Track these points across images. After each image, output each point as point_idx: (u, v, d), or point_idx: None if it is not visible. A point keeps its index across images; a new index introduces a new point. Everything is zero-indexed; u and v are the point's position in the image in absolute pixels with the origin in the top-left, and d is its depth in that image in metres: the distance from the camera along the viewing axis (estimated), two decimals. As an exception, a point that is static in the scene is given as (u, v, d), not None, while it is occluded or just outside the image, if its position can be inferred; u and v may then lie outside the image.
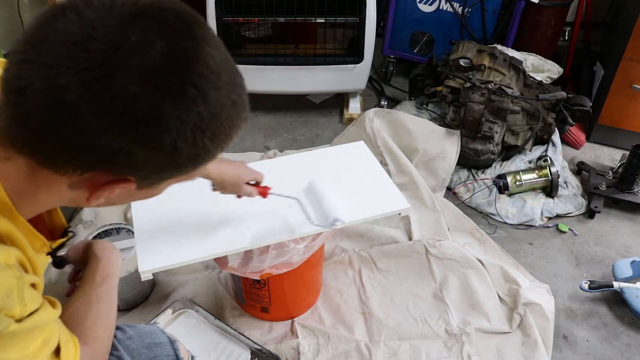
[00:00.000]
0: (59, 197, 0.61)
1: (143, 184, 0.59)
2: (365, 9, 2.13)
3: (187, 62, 0.52)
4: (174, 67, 0.51)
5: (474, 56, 2.11)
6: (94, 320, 0.80)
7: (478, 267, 1.62)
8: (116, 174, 0.56)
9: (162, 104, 0.51)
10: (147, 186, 0.60)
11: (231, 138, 0.59)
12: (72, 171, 0.55)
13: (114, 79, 0.49)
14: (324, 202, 1.22)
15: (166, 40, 0.51)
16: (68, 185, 0.58)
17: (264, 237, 1.17)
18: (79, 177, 0.55)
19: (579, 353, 1.47)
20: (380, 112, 2.13)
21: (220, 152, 0.60)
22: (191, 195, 1.30)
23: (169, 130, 0.52)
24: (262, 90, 2.37)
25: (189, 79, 0.52)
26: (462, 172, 2.08)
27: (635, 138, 2.15)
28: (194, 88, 0.52)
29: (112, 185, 0.57)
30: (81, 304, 0.81)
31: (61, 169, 0.55)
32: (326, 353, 1.40)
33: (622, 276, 1.60)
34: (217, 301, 1.53)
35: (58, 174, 0.55)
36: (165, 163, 0.56)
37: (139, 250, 1.13)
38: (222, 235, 1.18)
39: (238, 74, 0.60)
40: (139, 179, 0.58)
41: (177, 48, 0.51)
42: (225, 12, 2.10)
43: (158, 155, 0.54)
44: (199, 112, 0.53)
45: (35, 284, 0.62)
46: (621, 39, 2.13)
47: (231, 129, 0.58)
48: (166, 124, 0.51)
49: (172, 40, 0.51)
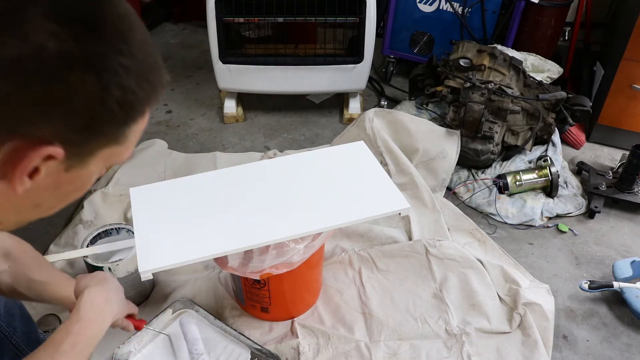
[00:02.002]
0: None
1: (71, 158, 0.52)
2: (365, 9, 2.13)
3: (100, 2, 0.49)
4: (87, 4, 0.48)
5: (474, 56, 2.11)
6: None
7: (478, 267, 1.62)
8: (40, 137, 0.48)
9: (81, 40, 0.47)
10: (76, 163, 0.53)
11: (156, 93, 0.55)
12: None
13: (23, 12, 0.44)
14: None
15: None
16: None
17: (264, 237, 1.17)
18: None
19: (579, 353, 1.47)
20: (380, 112, 2.13)
21: (146, 107, 0.55)
22: (191, 196, 1.30)
23: (93, 68, 0.47)
24: (262, 90, 2.37)
25: (104, 15, 0.49)
26: (462, 172, 2.08)
27: (635, 138, 2.15)
28: (109, 23, 0.49)
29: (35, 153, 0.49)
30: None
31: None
32: (326, 353, 1.40)
33: (622, 276, 1.60)
34: (217, 301, 1.53)
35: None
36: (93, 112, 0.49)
37: (139, 250, 1.12)
38: (222, 235, 1.18)
39: (149, 35, 0.56)
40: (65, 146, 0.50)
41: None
42: (225, 12, 2.11)
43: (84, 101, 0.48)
44: (119, 49, 0.49)
45: None
46: (621, 39, 2.13)
47: (154, 77, 0.54)
48: (88, 59, 0.47)
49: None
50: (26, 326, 1.00)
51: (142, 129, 0.58)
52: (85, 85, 0.47)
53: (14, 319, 0.97)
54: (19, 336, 0.95)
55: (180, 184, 1.35)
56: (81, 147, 0.52)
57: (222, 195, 1.30)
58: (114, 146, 0.55)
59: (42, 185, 0.53)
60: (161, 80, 0.55)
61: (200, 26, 3.29)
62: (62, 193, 0.58)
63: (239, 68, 2.26)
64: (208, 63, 2.31)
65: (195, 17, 3.33)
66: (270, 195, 1.29)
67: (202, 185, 1.34)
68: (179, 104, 2.54)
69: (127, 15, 0.51)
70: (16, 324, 0.97)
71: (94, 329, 0.83)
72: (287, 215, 1.24)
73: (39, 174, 0.51)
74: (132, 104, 0.52)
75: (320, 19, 2.16)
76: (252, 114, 2.50)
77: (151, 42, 0.54)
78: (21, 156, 0.48)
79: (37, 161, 0.49)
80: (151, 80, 0.53)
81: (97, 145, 0.54)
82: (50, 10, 0.45)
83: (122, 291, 0.91)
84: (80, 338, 0.80)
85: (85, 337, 0.81)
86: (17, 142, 0.48)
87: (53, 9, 0.45)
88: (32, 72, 0.45)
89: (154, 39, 0.57)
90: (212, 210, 1.25)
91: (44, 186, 0.53)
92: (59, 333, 0.80)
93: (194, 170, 2.01)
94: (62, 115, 0.48)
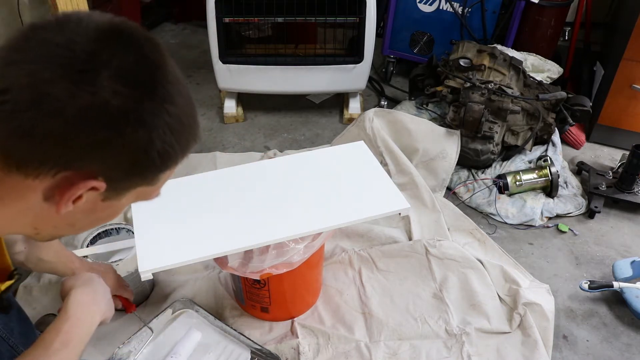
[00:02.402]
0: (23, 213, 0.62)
1: (110, 191, 0.61)
2: (365, 9, 2.13)
3: (156, 67, 0.58)
4: (146, 70, 0.57)
5: (474, 56, 2.11)
6: None
7: (478, 267, 1.62)
8: (89, 173, 0.58)
9: (138, 99, 0.56)
10: (112, 196, 0.63)
11: (189, 147, 0.65)
12: (47, 171, 0.56)
13: (97, 74, 0.53)
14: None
15: (139, 51, 0.57)
16: (41, 191, 0.59)
17: (264, 237, 1.17)
18: (52, 179, 0.57)
19: (579, 353, 1.47)
20: (380, 112, 2.13)
21: (180, 158, 0.64)
22: (191, 196, 1.30)
23: (144, 123, 0.56)
24: (262, 90, 2.37)
25: (159, 81, 0.58)
26: (462, 172, 2.08)
27: (635, 138, 2.15)
28: (162, 89, 0.58)
29: (83, 184, 0.58)
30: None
31: (35, 170, 0.56)
32: (326, 353, 1.40)
33: (622, 276, 1.60)
34: (217, 301, 1.53)
35: (29, 179, 0.57)
36: (138, 159, 0.59)
37: (139, 250, 1.13)
38: (222, 235, 1.18)
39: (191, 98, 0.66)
40: (108, 181, 0.59)
41: (147, 57, 0.58)
42: (225, 12, 2.11)
43: (132, 149, 0.57)
44: (167, 111, 0.58)
45: None
46: (621, 39, 2.13)
47: (191, 136, 0.64)
48: (142, 117, 0.56)
49: (143, 51, 0.58)
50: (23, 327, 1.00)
51: (173, 173, 0.68)
52: (136, 137, 0.57)
53: (10, 319, 0.98)
54: (16, 337, 0.96)
55: (180, 184, 1.34)
56: (120, 184, 0.62)
57: (222, 195, 1.30)
58: (147, 186, 0.65)
59: (80, 209, 0.62)
60: (195, 138, 0.65)
61: (200, 26, 3.29)
62: (95, 217, 0.68)
63: (239, 68, 2.26)
64: (208, 63, 2.31)
65: (195, 17, 3.32)
66: (270, 195, 1.29)
67: (202, 185, 1.34)
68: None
69: (177, 82, 0.61)
70: (13, 325, 0.97)
71: (83, 327, 0.84)
72: (287, 215, 1.24)
73: (80, 200, 0.60)
74: (170, 156, 0.62)
75: (320, 19, 2.16)
76: (252, 114, 2.50)
77: (192, 104, 0.64)
78: (70, 185, 0.58)
79: (82, 191, 0.59)
80: (188, 138, 0.63)
81: (134, 185, 0.64)
82: (118, 74, 0.54)
83: (109, 291, 0.92)
84: (70, 336, 0.81)
85: (75, 335, 0.82)
86: (70, 173, 0.57)
87: (120, 73, 0.55)
88: (96, 120, 0.54)
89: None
90: (212, 211, 1.25)
91: (82, 210, 0.63)
92: (49, 333, 0.81)
93: (194, 170, 2.01)
94: (112, 157, 0.57)
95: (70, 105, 0.52)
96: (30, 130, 0.53)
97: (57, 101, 0.52)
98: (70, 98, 0.52)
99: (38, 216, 0.62)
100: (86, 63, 0.53)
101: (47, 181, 0.57)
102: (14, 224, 0.64)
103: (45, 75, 0.52)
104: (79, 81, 0.52)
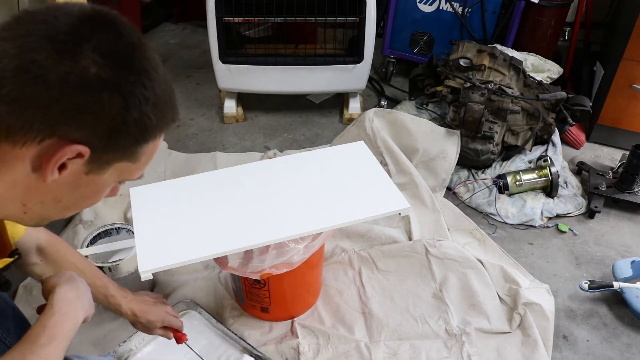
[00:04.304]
0: (13, 186, 0.65)
1: (93, 163, 0.65)
2: (365, 9, 2.13)
3: (133, 46, 0.63)
4: (124, 47, 0.62)
5: (474, 56, 2.11)
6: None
7: (478, 267, 1.62)
8: (72, 139, 0.61)
9: (115, 70, 0.60)
10: (95, 169, 0.66)
11: (167, 122, 0.69)
12: (33, 138, 0.60)
13: (78, 45, 0.58)
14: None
15: (117, 31, 0.62)
16: (29, 160, 0.62)
17: (264, 237, 1.17)
18: (38, 145, 0.60)
19: (579, 353, 1.47)
20: (380, 112, 2.13)
21: (158, 133, 0.68)
22: (191, 196, 1.30)
23: (120, 92, 0.60)
24: (262, 90, 2.37)
25: (136, 56, 0.63)
26: (462, 172, 2.08)
27: (635, 138, 2.15)
28: (139, 63, 0.63)
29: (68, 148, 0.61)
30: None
31: (22, 137, 0.60)
32: (326, 353, 1.40)
33: (622, 276, 1.60)
34: (217, 301, 1.53)
35: (17, 147, 0.61)
36: (116, 126, 0.62)
37: (139, 250, 1.13)
38: (222, 235, 1.18)
39: (169, 79, 0.69)
40: (91, 149, 0.62)
41: (125, 36, 0.63)
42: (225, 12, 2.11)
43: (109, 115, 0.61)
44: (143, 83, 0.62)
45: None
46: (621, 39, 2.13)
47: (168, 112, 0.68)
48: (119, 85, 0.60)
49: (122, 31, 0.63)
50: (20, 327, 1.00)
51: (153, 153, 0.71)
52: (112, 103, 0.60)
53: (7, 320, 0.98)
54: (13, 337, 0.96)
55: (180, 184, 1.35)
56: (102, 155, 0.65)
57: (222, 195, 1.30)
58: (127, 162, 0.68)
59: (65, 181, 0.65)
60: (172, 115, 0.70)
61: (200, 26, 3.28)
62: (79, 194, 0.70)
63: (239, 68, 2.26)
64: (208, 63, 2.31)
65: (195, 17, 3.32)
66: (270, 195, 1.29)
67: (202, 185, 1.34)
68: (179, 104, 2.53)
69: (154, 60, 0.66)
70: (9, 325, 0.97)
71: (69, 322, 0.84)
72: (287, 215, 1.24)
73: (65, 169, 0.63)
74: (146, 126, 0.65)
75: (320, 19, 2.16)
76: (252, 114, 2.50)
77: (169, 86, 0.68)
78: (56, 150, 0.61)
79: (67, 156, 0.62)
80: (164, 113, 0.67)
81: (114, 157, 0.66)
82: (97, 47, 0.60)
83: (89, 290, 0.93)
84: (56, 331, 0.81)
85: (61, 330, 0.82)
86: (54, 140, 0.60)
87: (100, 47, 0.60)
88: (76, 86, 0.58)
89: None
90: (212, 211, 1.25)
91: (67, 183, 0.66)
92: (35, 328, 0.81)
93: (194, 170, 2.01)
94: (92, 122, 0.61)
95: (53, 72, 0.57)
96: (17, 95, 0.57)
97: (41, 68, 0.57)
98: (54, 65, 0.57)
99: (26, 189, 0.66)
100: (68, 35, 0.59)
101: (34, 148, 0.61)
102: (4, 202, 0.67)
103: (31, 45, 0.57)
104: (62, 50, 0.58)
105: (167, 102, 0.67)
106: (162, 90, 0.66)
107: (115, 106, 0.61)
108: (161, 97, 0.66)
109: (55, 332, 0.81)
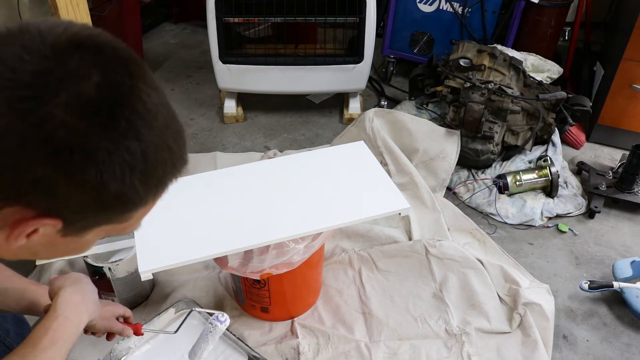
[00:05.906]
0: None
1: (68, 228, 0.55)
2: (365, 9, 2.13)
3: (121, 96, 0.50)
4: (106, 98, 0.49)
5: (474, 56, 2.11)
6: None
7: (478, 267, 1.62)
8: (39, 209, 0.51)
9: (89, 134, 0.48)
10: (72, 232, 0.56)
11: (164, 185, 0.57)
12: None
13: (40, 101, 0.46)
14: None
15: (102, 73, 0.49)
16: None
17: (264, 237, 1.17)
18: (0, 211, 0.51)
19: (579, 353, 1.47)
20: (380, 112, 2.13)
21: (152, 198, 0.57)
22: (191, 196, 1.30)
23: (94, 162, 0.49)
24: (262, 90, 2.37)
25: (122, 113, 0.49)
26: (462, 172, 2.08)
27: (635, 138, 2.15)
28: (125, 122, 0.49)
29: (35, 222, 0.52)
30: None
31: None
32: (326, 353, 1.40)
33: (622, 276, 1.60)
34: (217, 301, 1.53)
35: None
36: (90, 201, 0.51)
37: (139, 250, 1.13)
38: (222, 235, 1.18)
39: (177, 121, 0.57)
40: (63, 220, 0.53)
41: (112, 81, 0.49)
42: (225, 12, 2.11)
43: (82, 190, 0.50)
44: (128, 148, 0.50)
45: None
46: (621, 39, 2.13)
47: (165, 174, 0.56)
48: (92, 154, 0.48)
49: (108, 73, 0.49)
50: (19, 327, 1.00)
51: (147, 212, 0.61)
52: (85, 178, 0.49)
53: (6, 320, 0.97)
54: (12, 338, 0.96)
55: (180, 184, 1.34)
56: (78, 223, 0.55)
57: (222, 195, 1.30)
58: (113, 225, 0.58)
59: (38, 242, 0.56)
60: (175, 171, 0.57)
61: (200, 26, 3.29)
62: (58, 250, 0.62)
63: (239, 68, 2.26)
64: (208, 63, 2.31)
65: (195, 17, 3.32)
66: (270, 195, 1.29)
67: (202, 185, 1.34)
68: (179, 104, 2.54)
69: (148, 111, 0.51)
70: (8, 326, 0.97)
71: (72, 326, 0.83)
72: (287, 215, 1.24)
73: (36, 234, 0.54)
74: (131, 199, 0.54)
75: (320, 19, 2.16)
76: (252, 114, 2.50)
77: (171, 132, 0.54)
78: (21, 221, 0.52)
79: (32, 228, 0.53)
80: (161, 177, 0.55)
81: (96, 224, 0.57)
82: (69, 101, 0.47)
83: (96, 291, 0.92)
84: (58, 335, 0.80)
85: (64, 333, 0.81)
86: (18, 208, 0.51)
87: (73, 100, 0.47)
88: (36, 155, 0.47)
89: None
90: (212, 210, 1.25)
91: (40, 243, 0.57)
92: (37, 330, 0.80)
93: (194, 170, 2.00)
94: (62, 197, 0.50)
95: (7, 137, 0.46)
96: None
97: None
98: (8, 129, 0.46)
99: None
100: (30, 88, 0.46)
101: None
102: None
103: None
104: (19, 108, 0.46)
105: (166, 161, 0.55)
106: (158, 149, 0.53)
107: (88, 182, 0.49)
108: (154, 160, 0.53)
109: (57, 335, 0.80)
